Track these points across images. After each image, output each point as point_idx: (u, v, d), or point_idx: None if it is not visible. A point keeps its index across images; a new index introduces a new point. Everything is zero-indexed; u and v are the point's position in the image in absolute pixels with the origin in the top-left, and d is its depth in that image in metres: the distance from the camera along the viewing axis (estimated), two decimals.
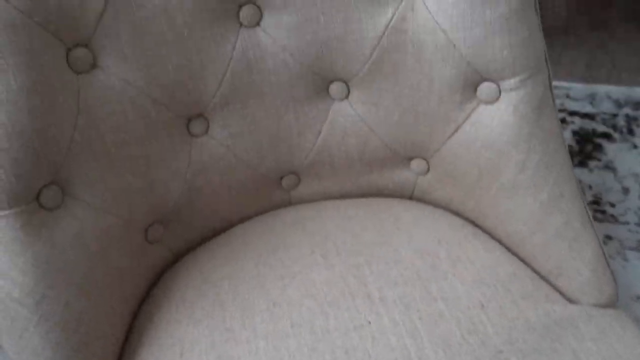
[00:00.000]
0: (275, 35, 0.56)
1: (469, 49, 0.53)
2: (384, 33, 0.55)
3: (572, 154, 1.04)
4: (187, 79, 0.56)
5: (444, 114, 0.59)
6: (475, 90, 0.57)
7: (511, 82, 0.55)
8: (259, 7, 0.55)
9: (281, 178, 0.68)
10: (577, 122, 1.08)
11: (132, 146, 0.55)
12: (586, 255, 0.57)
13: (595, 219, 0.89)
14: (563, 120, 1.09)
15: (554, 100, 0.58)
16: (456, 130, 0.59)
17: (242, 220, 0.70)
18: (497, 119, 0.56)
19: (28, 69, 0.45)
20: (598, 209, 0.93)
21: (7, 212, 0.47)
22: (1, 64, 0.44)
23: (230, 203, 0.66)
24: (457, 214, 0.67)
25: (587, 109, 1.10)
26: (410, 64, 0.57)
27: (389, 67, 0.58)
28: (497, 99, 0.56)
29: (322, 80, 0.61)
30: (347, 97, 0.62)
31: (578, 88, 1.12)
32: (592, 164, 1.01)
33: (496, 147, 0.57)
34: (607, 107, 1.09)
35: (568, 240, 0.57)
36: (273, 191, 0.69)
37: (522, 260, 0.61)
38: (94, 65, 0.50)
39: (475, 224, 0.65)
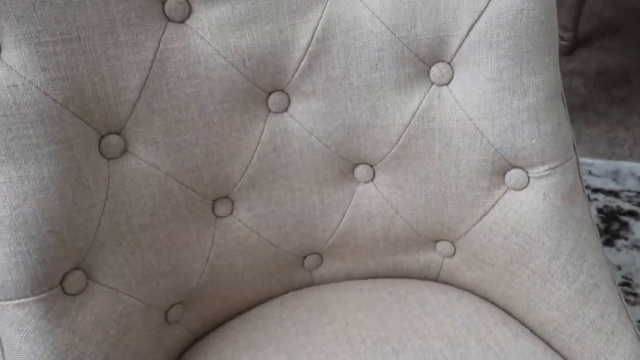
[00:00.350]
0: (302, 120, 0.57)
1: (497, 137, 0.53)
2: (410, 120, 0.56)
3: (599, 232, 1.02)
4: (215, 163, 0.56)
5: (472, 199, 0.58)
6: (504, 176, 0.56)
7: (540, 169, 0.54)
8: (287, 94, 0.56)
9: (304, 258, 0.67)
10: (601, 200, 1.07)
11: (158, 229, 0.55)
12: (625, 351, 0.54)
13: (626, 301, 0.86)
14: (587, 198, 1.08)
15: (583, 188, 0.57)
16: (484, 215, 0.58)
17: (263, 299, 0.68)
18: (527, 205, 0.56)
19: (61, 157, 0.46)
20: (629, 291, 0.90)
21: (30, 299, 0.47)
22: (36, 153, 0.45)
23: (252, 283, 0.65)
24: (484, 297, 0.65)
25: (611, 185, 1.09)
26: (437, 150, 0.57)
27: (416, 153, 0.58)
28: (526, 185, 0.55)
29: (348, 163, 0.61)
30: (372, 179, 0.62)
31: (600, 164, 1.11)
32: (620, 243, 0.99)
33: (527, 233, 0.56)
34: (632, 184, 1.08)
35: (605, 333, 0.55)
36: (295, 271, 0.68)
37: (556, 350, 0.59)
38: (124, 151, 0.51)
39: (504, 309, 0.63)
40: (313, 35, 0.53)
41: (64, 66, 0.45)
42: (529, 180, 0.55)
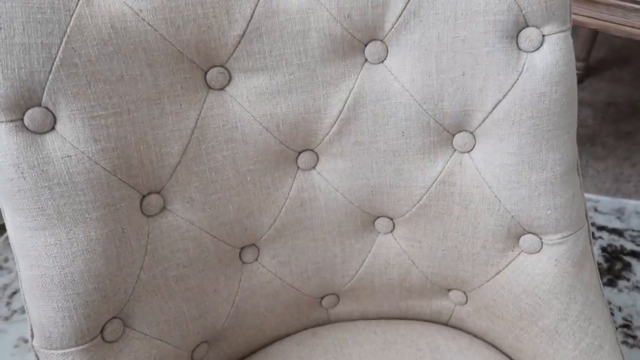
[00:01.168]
0: (329, 178, 0.60)
1: (514, 205, 0.57)
2: (432, 184, 0.59)
3: (601, 272, 1.06)
4: (245, 217, 0.59)
5: (487, 258, 0.61)
6: (519, 240, 0.59)
7: (553, 238, 0.57)
8: (316, 154, 0.59)
9: (322, 298, 0.70)
10: (605, 238, 1.10)
11: (190, 279, 0.58)
12: None
13: (625, 344, 0.90)
14: (591, 235, 1.11)
15: (593, 253, 0.60)
16: (497, 274, 0.62)
17: (282, 335, 0.72)
18: (539, 268, 0.59)
19: (107, 220, 0.49)
20: (629, 333, 0.93)
21: (74, 349, 0.50)
22: (85, 217, 0.48)
23: (273, 322, 0.69)
24: (493, 344, 0.69)
25: (615, 224, 1.12)
26: (456, 212, 0.60)
27: (436, 212, 0.61)
28: (539, 250, 0.59)
29: (369, 216, 0.64)
30: (392, 231, 0.65)
31: (606, 201, 1.14)
32: (622, 283, 1.02)
33: (537, 295, 0.59)
34: (636, 223, 1.11)
35: None
36: (313, 309, 0.71)
37: None
38: (163, 209, 0.54)
39: (512, 359, 0.66)
40: (345, 104, 0.56)
41: (114, 137, 0.48)
42: (542, 246, 0.58)
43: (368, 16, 0.52)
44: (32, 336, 0.52)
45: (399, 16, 0.52)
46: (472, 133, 0.57)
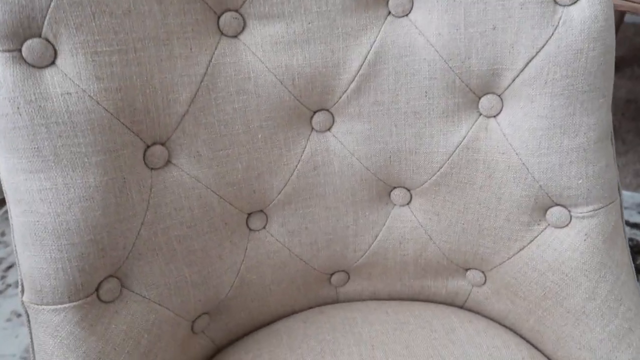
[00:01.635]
0: (345, 141, 0.57)
1: (543, 173, 0.53)
2: (455, 150, 0.55)
3: None
4: (254, 178, 0.55)
5: (510, 233, 0.57)
6: (545, 213, 0.55)
7: (584, 210, 0.53)
8: (332, 114, 0.56)
9: (331, 275, 0.67)
10: (627, 232, 1.06)
11: (193, 241, 0.54)
12: None
13: None
14: None
15: (624, 230, 0.56)
16: (521, 250, 0.58)
17: (288, 313, 0.68)
18: (567, 244, 0.55)
19: (107, 167, 0.46)
20: None
21: (66, 305, 0.47)
22: (84, 162, 0.44)
23: (279, 296, 0.65)
24: (511, 329, 0.64)
25: (637, 218, 1.07)
26: (479, 181, 0.56)
27: (457, 182, 0.57)
28: (568, 224, 0.55)
29: (386, 186, 0.60)
30: (408, 203, 0.61)
31: (627, 196, 1.10)
32: None
33: (564, 272, 0.55)
34: None
35: None
36: (321, 287, 0.68)
37: None
38: (168, 162, 0.51)
39: (532, 343, 0.62)
40: (365, 59, 0.52)
41: (118, 77, 0.45)
42: (570, 219, 0.54)
43: None
44: (22, 291, 0.48)
45: None
46: (499, 96, 0.53)
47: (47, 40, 0.42)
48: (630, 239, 1.05)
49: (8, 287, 1.01)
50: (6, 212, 1.27)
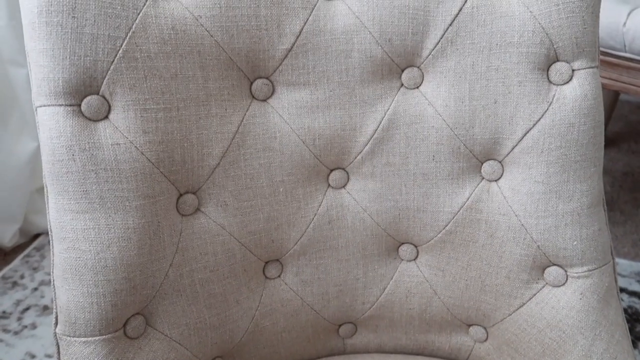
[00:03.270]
0: (358, 197, 0.62)
1: (540, 234, 0.57)
2: (459, 210, 0.60)
3: None
4: (274, 229, 0.60)
5: (510, 290, 0.61)
6: (543, 272, 0.59)
7: (579, 270, 0.57)
8: (347, 173, 0.61)
9: (339, 326, 0.70)
10: (626, 300, 1.09)
11: (215, 284, 0.58)
12: None
13: None
14: None
15: (618, 291, 0.60)
16: (521, 307, 0.61)
17: None
18: (564, 302, 0.58)
19: (145, 211, 0.51)
20: None
21: (97, 338, 0.50)
22: (125, 205, 0.49)
23: (289, 344, 0.68)
24: None
25: (635, 287, 1.10)
26: (482, 240, 0.61)
27: (461, 240, 0.61)
28: (564, 283, 0.59)
29: (394, 242, 0.64)
30: (415, 259, 0.66)
31: (625, 264, 1.13)
32: None
33: (562, 329, 0.58)
34: None
35: None
36: (330, 337, 0.70)
37: None
38: (197, 210, 0.56)
39: None
40: (379, 125, 0.58)
41: (161, 131, 0.51)
42: (567, 279, 0.58)
43: (408, 42, 0.55)
44: (56, 324, 0.52)
45: (437, 43, 0.55)
46: (500, 162, 0.58)
47: (104, 97, 0.49)
48: (630, 307, 1.08)
49: (24, 328, 1.04)
50: (25, 256, 1.31)
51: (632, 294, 1.10)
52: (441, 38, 0.55)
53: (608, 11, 0.97)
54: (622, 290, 1.11)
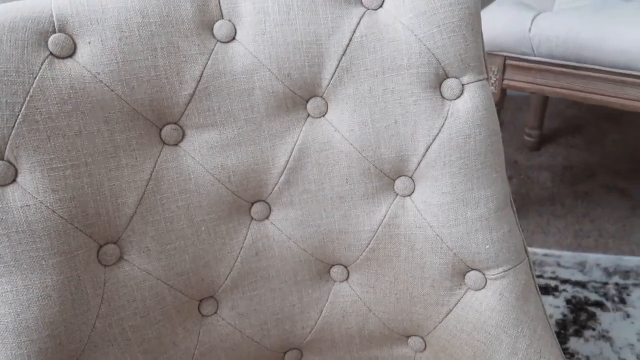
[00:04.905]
0: (282, 227, 0.63)
1: (455, 242, 0.60)
2: (378, 227, 0.62)
3: (567, 323, 1.07)
4: (202, 267, 0.61)
5: (437, 298, 0.63)
6: (464, 277, 0.62)
7: (495, 272, 0.60)
8: (268, 204, 0.63)
9: (284, 353, 0.71)
10: (570, 290, 1.13)
11: (147, 329, 0.59)
12: None
13: None
14: (555, 289, 1.14)
15: (537, 288, 0.63)
16: (449, 313, 0.64)
17: None
18: (485, 304, 0.61)
19: (63, 267, 0.52)
20: None
21: None
22: (41, 264, 0.50)
23: None
24: None
25: (578, 277, 1.14)
26: (403, 253, 0.63)
27: (385, 255, 0.64)
28: (484, 286, 0.61)
29: (324, 265, 0.66)
30: (347, 279, 0.68)
31: (568, 256, 1.17)
32: (588, 333, 1.03)
33: (487, 330, 0.61)
34: (597, 275, 1.14)
35: None
36: None
37: None
38: (120, 259, 0.57)
39: None
40: (290, 155, 0.60)
41: (71, 187, 0.52)
42: (486, 281, 0.61)
43: (306, 75, 0.58)
44: None
45: (334, 73, 0.58)
46: (410, 177, 0.61)
47: (9, 161, 0.50)
48: (573, 297, 1.11)
49: None
50: None
51: (576, 283, 1.14)
52: (337, 68, 0.58)
53: (513, 18, 1.03)
54: (566, 281, 1.15)
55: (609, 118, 1.68)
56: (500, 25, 1.04)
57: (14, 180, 0.50)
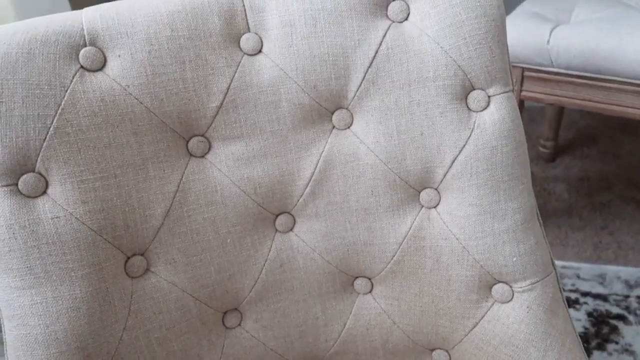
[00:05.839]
0: (306, 239, 0.63)
1: (481, 255, 0.59)
2: (404, 239, 0.62)
3: (589, 336, 1.06)
4: (227, 279, 0.61)
5: (463, 311, 0.63)
6: (491, 290, 0.61)
7: (523, 284, 0.60)
8: (293, 216, 0.63)
9: None
10: (590, 303, 1.11)
11: (173, 342, 0.59)
12: None
13: None
14: (576, 301, 1.13)
15: (564, 299, 0.62)
16: (475, 326, 0.63)
17: None
18: (513, 317, 0.60)
19: (92, 279, 0.52)
20: None
21: None
22: (71, 276, 0.50)
23: None
24: None
25: (598, 289, 1.13)
26: (429, 266, 0.63)
27: (410, 268, 0.63)
28: (511, 299, 0.61)
29: (348, 277, 0.66)
30: (371, 291, 0.67)
31: (587, 268, 1.16)
32: (611, 347, 1.02)
33: (514, 344, 0.60)
34: (618, 288, 1.12)
35: None
36: None
37: None
38: (147, 270, 0.57)
39: None
40: (316, 167, 0.60)
41: (100, 199, 0.52)
42: (513, 294, 0.60)
43: (332, 87, 0.58)
44: None
45: (360, 85, 0.58)
46: (436, 189, 0.61)
47: (40, 173, 0.50)
48: (595, 310, 1.10)
49: None
50: None
51: (596, 296, 1.13)
52: (363, 80, 0.58)
53: (532, 31, 1.03)
54: (586, 294, 1.13)
55: (624, 128, 1.67)
56: (518, 37, 1.04)
57: (44, 192, 0.50)
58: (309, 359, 0.69)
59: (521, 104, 1.10)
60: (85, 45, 0.52)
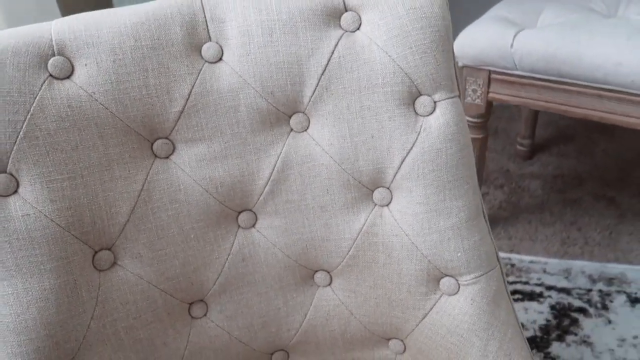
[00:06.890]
0: (267, 234, 0.67)
1: (429, 250, 0.64)
2: (358, 235, 0.66)
3: (550, 328, 1.10)
4: (191, 272, 0.65)
5: (413, 302, 0.67)
6: (439, 283, 0.66)
7: (467, 278, 0.64)
8: (254, 213, 0.67)
9: (271, 354, 0.75)
10: (554, 297, 1.16)
11: (139, 330, 0.63)
12: None
13: None
14: (541, 295, 1.17)
15: (508, 294, 0.66)
16: (424, 317, 0.67)
17: None
18: (458, 308, 0.65)
19: (60, 271, 0.56)
20: None
21: None
22: (40, 269, 0.54)
23: None
24: None
25: (563, 283, 1.17)
26: (381, 260, 0.67)
27: (364, 262, 0.67)
28: (457, 291, 0.65)
29: (308, 271, 0.70)
30: (330, 284, 0.71)
31: (554, 263, 1.20)
32: (570, 338, 1.06)
33: (459, 334, 0.64)
34: (582, 282, 1.17)
35: None
36: None
37: None
38: (114, 264, 0.61)
39: None
40: (274, 167, 0.64)
41: (68, 198, 0.56)
42: (459, 287, 0.65)
43: (288, 92, 0.62)
44: None
45: (314, 91, 0.62)
46: (388, 188, 0.65)
47: (11, 174, 0.54)
48: (558, 303, 1.14)
49: None
50: None
51: (560, 290, 1.17)
52: (317, 86, 0.62)
53: (496, 35, 1.06)
54: (551, 287, 1.18)
55: (602, 129, 1.71)
56: (484, 41, 1.07)
57: (15, 192, 0.54)
58: (273, 348, 0.74)
59: (489, 104, 1.14)
60: (54, 55, 0.56)
